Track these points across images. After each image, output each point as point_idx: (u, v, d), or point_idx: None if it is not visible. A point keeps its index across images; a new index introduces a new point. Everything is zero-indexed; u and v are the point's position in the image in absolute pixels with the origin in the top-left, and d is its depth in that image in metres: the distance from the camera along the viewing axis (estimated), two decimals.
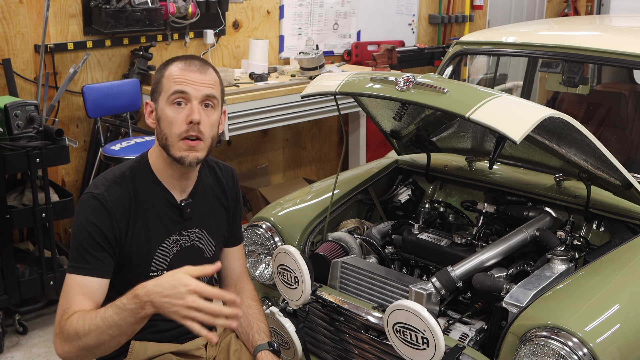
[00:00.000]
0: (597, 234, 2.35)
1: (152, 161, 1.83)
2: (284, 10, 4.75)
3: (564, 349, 1.68)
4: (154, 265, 1.81)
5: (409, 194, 2.77)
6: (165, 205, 1.82)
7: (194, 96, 1.73)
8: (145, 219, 1.78)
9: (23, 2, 3.59)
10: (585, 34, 3.10)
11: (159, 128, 1.77)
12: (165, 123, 1.74)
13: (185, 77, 1.73)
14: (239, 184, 2.05)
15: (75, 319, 1.60)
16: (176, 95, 1.73)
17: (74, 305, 1.64)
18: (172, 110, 1.73)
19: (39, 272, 3.27)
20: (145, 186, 1.80)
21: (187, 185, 1.85)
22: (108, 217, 1.71)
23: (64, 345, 1.61)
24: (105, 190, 1.73)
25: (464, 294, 2.20)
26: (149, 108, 1.80)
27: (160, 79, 1.77)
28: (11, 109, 3.08)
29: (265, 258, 2.47)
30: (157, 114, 1.77)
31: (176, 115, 1.72)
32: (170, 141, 1.74)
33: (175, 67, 1.76)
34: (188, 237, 1.87)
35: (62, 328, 1.61)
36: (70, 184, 3.93)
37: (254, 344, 1.93)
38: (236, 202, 2.02)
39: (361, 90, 2.17)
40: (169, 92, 1.73)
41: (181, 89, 1.72)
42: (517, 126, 1.77)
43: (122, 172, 1.79)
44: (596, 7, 7.05)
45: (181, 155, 1.74)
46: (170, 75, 1.74)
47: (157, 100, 1.77)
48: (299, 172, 5.22)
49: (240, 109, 3.90)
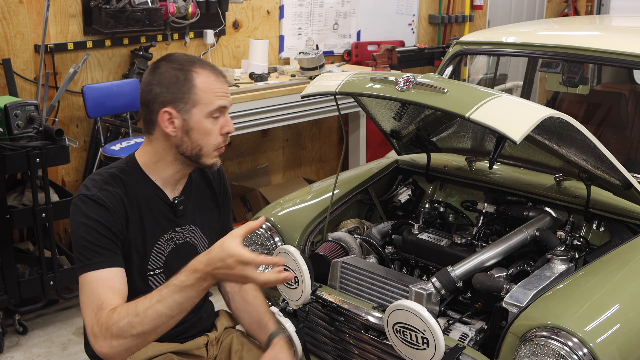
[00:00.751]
0: (597, 234, 2.35)
1: (142, 161, 1.81)
2: (284, 10, 4.75)
3: (564, 349, 1.68)
4: (150, 264, 1.81)
5: (409, 194, 2.77)
6: (158, 204, 1.82)
7: (227, 108, 1.77)
8: (139, 218, 1.78)
9: (23, 2, 3.59)
10: (585, 34, 3.11)
11: (187, 138, 1.73)
12: (200, 134, 1.73)
13: (224, 91, 1.75)
14: (226, 177, 2.05)
15: (122, 311, 1.55)
16: (219, 110, 1.74)
17: (107, 300, 1.59)
18: (211, 123, 1.74)
19: (39, 272, 3.27)
20: (136, 185, 1.78)
21: (179, 183, 1.86)
22: (108, 212, 1.69)
23: (112, 341, 1.55)
24: (98, 191, 1.71)
25: (464, 294, 2.20)
26: (168, 116, 1.71)
27: (192, 89, 1.70)
28: (11, 109, 3.08)
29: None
30: (188, 124, 1.71)
31: (214, 127, 1.74)
32: (205, 151, 1.76)
33: (206, 77, 1.72)
34: (182, 234, 1.87)
35: (107, 325, 1.55)
36: (70, 184, 3.93)
37: (268, 331, 1.93)
38: (224, 194, 2.02)
39: (361, 90, 2.17)
40: (211, 107, 1.71)
41: (224, 104, 1.74)
42: (517, 126, 1.77)
43: (112, 173, 1.77)
44: (596, 7, 7.05)
45: (213, 162, 1.79)
46: (210, 89, 1.71)
47: (187, 110, 1.71)
48: (299, 172, 5.22)
49: (240, 109, 3.89)
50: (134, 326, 1.53)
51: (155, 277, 1.82)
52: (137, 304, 1.55)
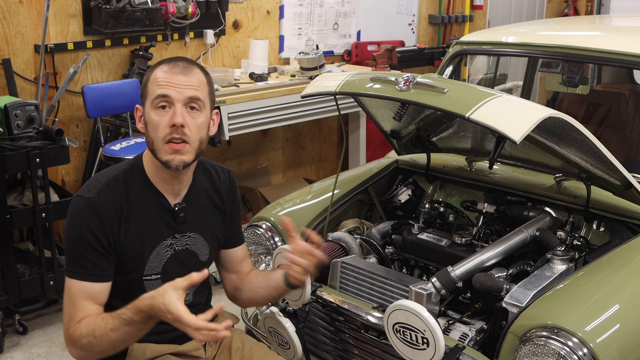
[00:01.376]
0: (597, 234, 2.35)
1: (146, 164, 1.82)
2: (284, 10, 4.75)
3: (564, 349, 1.69)
4: (147, 270, 1.80)
5: (409, 194, 2.77)
6: (158, 209, 1.81)
7: (176, 99, 1.70)
8: (138, 223, 1.77)
9: (23, 2, 3.59)
10: (585, 34, 3.11)
11: (146, 132, 1.75)
12: (151, 127, 1.73)
13: (168, 80, 1.71)
14: (237, 185, 2.04)
15: (84, 329, 1.65)
16: (159, 100, 1.71)
17: (80, 312, 1.69)
18: (157, 114, 1.72)
19: (39, 272, 3.27)
20: (138, 190, 1.79)
21: (180, 189, 1.84)
22: (100, 222, 1.71)
23: (79, 352, 1.69)
24: (96, 194, 1.72)
25: (464, 294, 2.20)
26: (139, 112, 1.79)
27: (146, 83, 1.75)
28: (11, 109, 3.07)
29: (265, 258, 2.47)
30: (145, 118, 1.75)
31: (160, 119, 1.71)
32: (156, 145, 1.73)
33: (159, 70, 1.74)
34: (182, 241, 1.86)
35: (73, 336, 1.67)
36: (70, 184, 3.93)
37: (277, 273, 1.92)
38: (234, 205, 2.00)
39: (361, 90, 2.17)
40: (152, 96, 1.72)
41: (163, 93, 1.70)
42: (517, 126, 1.77)
43: (115, 176, 1.79)
44: (596, 7, 7.05)
45: (167, 159, 1.72)
46: (154, 79, 1.73)
47: (144, 104, 1.75)
48: (299, 172, 5.22)
49: (240, 109, 3.89)
50: (93, 346, 1.65)
51: (151, 282, 1.81)
52: (95, 326, 1.65)
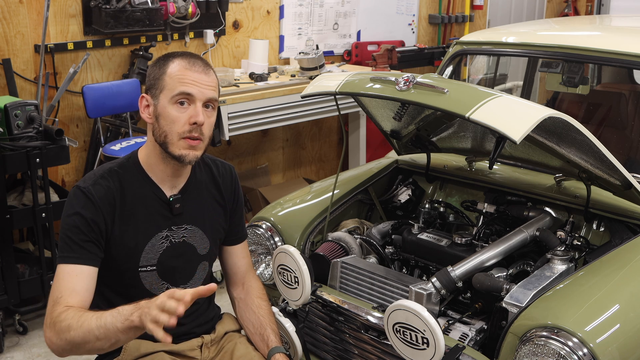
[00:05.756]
0: (597, 234, 2.35)
1: (142, 158, 1.84)
2: (284, 10, 4.75)
3: (564, 349, 1.68)
4: (142, 261, 1.81)
5: (409, 194, 2.77)
6: (154, 201, 1.83)
7: (198, 98, 1.74)
8: (133, 214, 1.79)
9: (23, 2, 3.59)
10: (585, 34, 3.10)
11: (156, 124, 1.77)
12: (166, 121, 1.75)
13: (193, 79, 1.74)
14: (239, 182, 2.05)
15: (70, 313, 1.61)
16: (181, 96, 1.73)
17: (65, 296, 1.67)
18: (175, 110, 1.74)
19: (39, 272, 3.27)
20: (133, 181, 1.81)
21: (178, 182, 1.87)
22: (94, 208, 1.73)
23: (53, 337, 1.63)
24: (91, 185, 1.76)
25: (464, 294, 2.20)
26: (145, 102, 1.80)
27: (162, 76, 1.76)
28: (11, 109, 3.08)
29: (265, 258, 2.47)
30: (157, 110, 1.76)
31: (179, 115, 1.74)
32: (170, 139, 1.75)
33: (178, 65, 1.75)
34: (179, 233, 1.87)
35: (55, 320, 1.63)
36: (70, 184, 3.93)
37: (270, 345, 1.93)
38: (235, 200, 2.02)
39: (361, 90, 2.17)
40: (173, 92, 1.73)
41: (187, 91, 1.73)
42: (517, 126, 1.77)
43: (110, 167, 1.82)
44: (596, 7, 7.05)
45: (181, 154, 1.75)
46: (175, 75, 1.74)
47: (156, 96, 1.76)
48: (299, 172, 5.22)
49: (240, 109, 3.90)
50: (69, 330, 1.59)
51: (147, 273, 1.82)
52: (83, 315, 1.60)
